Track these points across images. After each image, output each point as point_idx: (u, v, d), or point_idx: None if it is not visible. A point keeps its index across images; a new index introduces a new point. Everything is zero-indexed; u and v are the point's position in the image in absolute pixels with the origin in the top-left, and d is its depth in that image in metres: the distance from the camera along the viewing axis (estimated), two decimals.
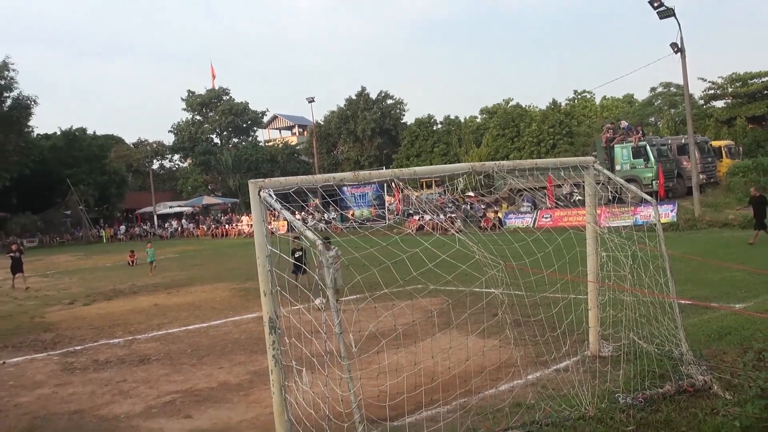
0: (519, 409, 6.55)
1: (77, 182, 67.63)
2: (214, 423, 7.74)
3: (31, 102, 63.68)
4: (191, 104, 74.41)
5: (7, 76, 60.02)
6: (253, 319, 14.14)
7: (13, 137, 61.01)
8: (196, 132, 73.15)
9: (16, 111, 62.39)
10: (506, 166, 7.82)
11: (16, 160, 61.29)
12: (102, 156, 72.43)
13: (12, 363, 11.91)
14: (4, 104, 61.12)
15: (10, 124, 60.87)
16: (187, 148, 74.05)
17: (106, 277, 27.42)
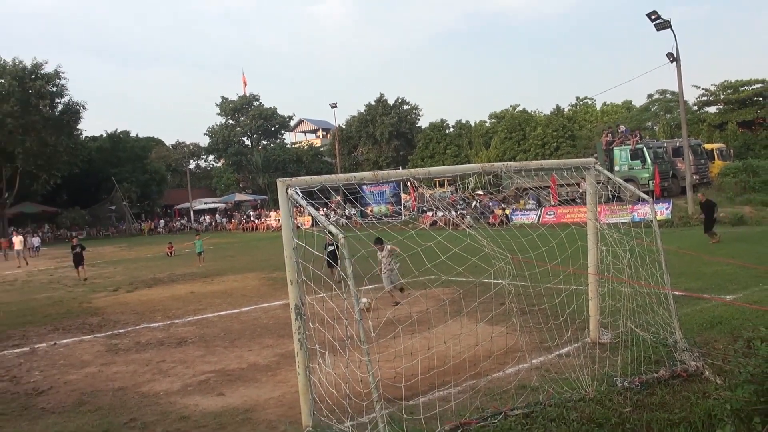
0: (524, 391, 6.52)
1: (121, 180, 68.23)
2: (245, 400, 7.76)
3: (80, 107, 64.21)
4: (225, 109, 74.65)
5: (59, 83, 60.54)
6: (280, 305, 14.17)
7: (64, 139, 61.55)
8: (229, 135, 73.41)
9: (67, 115, 62.95)
10: (513, 167, 7.78)
11: (67, 160, 61.87)
12: (144, 156, 72.93)
13: (62, 344, 12.01)
14: (56, 109, 61.69)
15: (61, 127, 61.43)
16: (221, 149, 74.34)
17: (147, 267, 27.61)
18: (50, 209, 67.18)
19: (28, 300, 18.76)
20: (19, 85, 56.57)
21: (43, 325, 14.13)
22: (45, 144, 58.24)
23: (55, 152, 59.69)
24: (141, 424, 7.09)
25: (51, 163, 59.93)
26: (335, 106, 61.29)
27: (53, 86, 60.14)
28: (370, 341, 5.66)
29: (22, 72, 57.38)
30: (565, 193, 30.72)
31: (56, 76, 59.94)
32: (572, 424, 5.67)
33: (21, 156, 56.85)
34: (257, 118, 73.37)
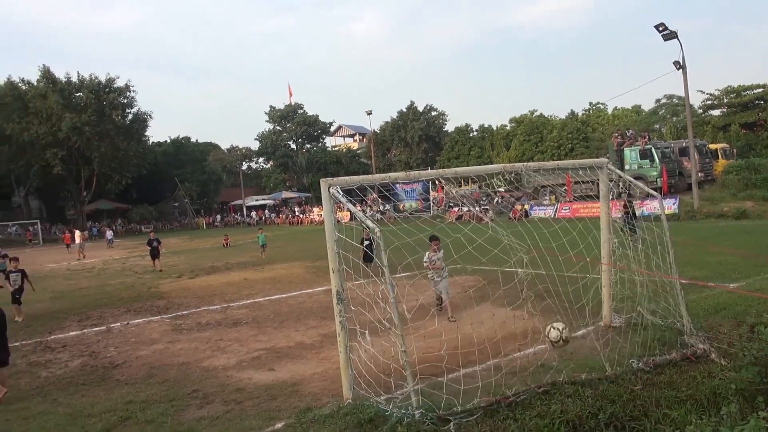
0: (545, 370, 6.42)
1: (183, 180, 69.44)
2: (292, 375, 7.80)
3: (148, 116, 65.59)
4: (273, 117, 75.20)
5: (129, 96, 61.86)
6: (323, 291, 14.23)
7: (134, 144, 62.93)
8: (277, 139, 73.94)
9: (136, 124, 64.32)
10: (532, 167, 7.67)
11: (136, 162, 63.25)
12: (202, 159, 73.99)
13: (134, 324, 12.25)
14: (127, 118, 63.04)
15: (131, 134, 62.79)
16: (270, 152, 74.90)
17: (206, 257, 28.00)
18: (122, 206, 68.79)
19: (104, 285, 19.21)
20: (95, 97, 58.01)
21: (117, 307, 14.44)
22: (117, 149, 59.63)
23: (126, 156, 61.11)
24: (202, 395, 7.19)
25: (122, 166, 61.35)
26: (371, 113, 61.60)
27: (124, 98, 61.48)
28: (405, 323, 5.65)
29: (97, 86, 58.80)
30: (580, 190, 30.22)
31: (127, 89, 61.27)
32: (587, 400, 5.58)
33: (97, 159, 58.32)
34: (301, 124, 73.76)
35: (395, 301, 5.47)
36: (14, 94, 56.54)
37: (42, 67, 57.26)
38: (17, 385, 8.28)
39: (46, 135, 55.41)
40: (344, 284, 6.22)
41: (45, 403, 7.33)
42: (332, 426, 5.60)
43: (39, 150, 56.35)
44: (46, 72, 57.14)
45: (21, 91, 57.08)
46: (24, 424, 6.62)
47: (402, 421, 5.39)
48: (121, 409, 6.81)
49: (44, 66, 57.18)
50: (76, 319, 13.17)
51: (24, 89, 57.40)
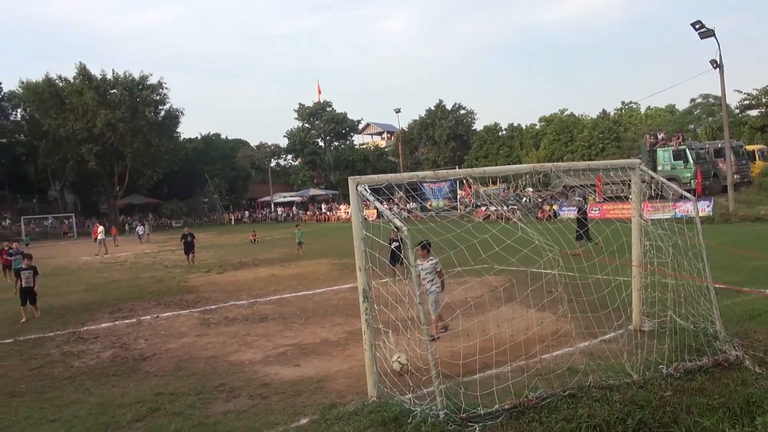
0: (572, 373, 6.34)
1: (212, 176, 70.42)
2: (318, 371, 7.85)
3: (179, 113, 66.74)
4: (301, 114, 75.69)
5: (162, 93, 63.01)
6: (348, 288, 14.28)
7: (165, 141, 64.03)
8: (305, 137, 74.41)
9: (168, 120, 65.49)
10: (562, 167, 7.57)
11: (167, 158, 64.35)
12: (232, 155, 74.84)
13: (163, 317, 12.47)
14: (159, 115, 64.22)
15: (163, 130, 63.92)
16: (298, 149, 75.42)
17: (234, 252, 28.34)
18: (153, 200, 70.08)
19: (135, 278, 19.59)
20: (129, 94, 59.19)
21: (148, 300, 14.71)
22: (150, 145, 60.73)
23: (158, 152, 62.20)
24: (229, 389, 7.28)
25: (154, 161, 62.47)
26: (399, 111, 61.43)
27: (157, 95, 62.63)
28: (430, 323, 5.64)
29: (131, 83, 60.00)
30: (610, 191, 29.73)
31: (159, 86, 62.39)
32: (615, 405, 5.48)
33: (130, 155, 59.47)
34: (330, 122, 74.11)
35: (421, 301, 5.46)
36: (52, 91, 58.02)
37: (78, 65, 58.69)
38: (51, 374, 8.51)
39: (82, 131, 56.74)
40: (371, 282, 6.23)
41: (77, 392, 7.52)
42: (356, 423, 5.62)
43: (75, 145, 57.74)
44: (83, 69, 58.49)
45: (58, 88, 58.54)
46: (57, 411, 6.80)
47: (426, 421, 5.38)
48: (150, 401, 6.94)
49: (80, 63, 58.58)
50: (108, 311, 13.46)
51: (61, 86, 58.84)
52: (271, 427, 5.84)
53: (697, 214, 7.98)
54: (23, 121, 66.60)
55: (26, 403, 7.22)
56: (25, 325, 12.22)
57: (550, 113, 65.94)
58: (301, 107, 75.75)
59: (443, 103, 71.04)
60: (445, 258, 6.59)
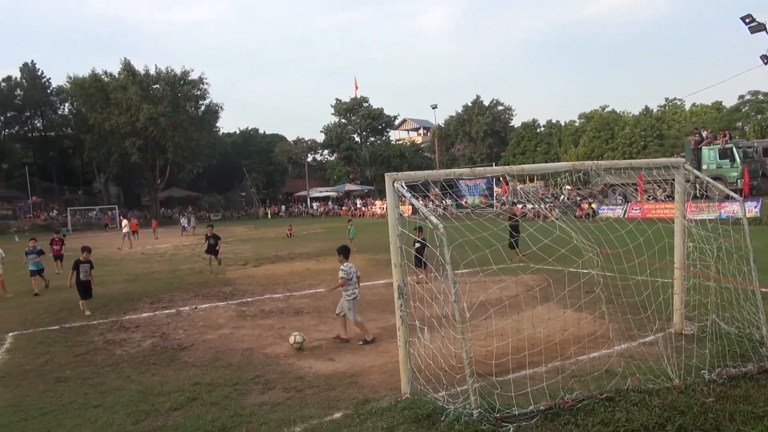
0: (610, 376, 6.22)
1: (250, 170, 71.49)
2: (351, 366, 7.88)
3: (219, 108, 67.92)
4: (338, 110, 76.11)
5: (202, 88, 64.23)
6: (383, 284, 14.29)
7: (205, 135, 65.28)
8: (342, 132, 74.83)
9: (208, 115, 66.73)
10: (603, 165, 7.39)
11: (207, 152, 65.62)
12: (269, 150, 75.84)
13: (201, 308, 12.71)
14: (199, 110, 65.48)
15: (203, 125, 65.17)
16: (334, 144, 75.93)
17: (270, 246, 28.68)
18: (193, 194, 71.61)
19: (175, 270, 20.04)
20: (170, 89, 60.55)
21: (186, 292, 15.02)
22: (190, 139, 62.00)
23: (198, 146, 63.46)
24: (264, 381, 7.38)
25: (194, 155, 63.78)
26: (435, 107, 61.21)
27: (198, 90, 63.86)
28: (465, 321, 5.60)
29: (173, 78, 61.32)
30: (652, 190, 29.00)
31: (200, 81, 63.59)
32: (654, 409, 5.36)
33: (171, 149, 60.84)
34: (366, 117, 74.31)
35: (456, 299, 5.43)
36: (97, 86, 59.78)
37: (123, 60, 60.32)
38: (94, 361, 8.78)
39: (125, 125, 58.29)
40: (406, 279, 6.23)
41: (119, 380, 7.74)
42: (390, 419, 5.63)
43: (118, 139, 59.38)
44: (127, 65, 60.08)
45: (104, 83, 60.28)
46: (100, 397, 7.02)
47: (460, 419, 5.36)
48: (188, 390, 7.09)
49: (125, 59, 60.21)
50: (148, 301, 13.81)
51: (106, 81, 60.56)
52: (305, 420, 5.90)
53: (744, 215, 7.72)
54: (70, 116, 68.97)
55: (71, 388, 7.48)
56: (70, 313, 12.63)
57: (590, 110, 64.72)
58: (338, 103, 76.17)
59: (480, 99, 70.54)
60: (481, 256, 6.53)
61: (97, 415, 6.41)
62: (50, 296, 15.26)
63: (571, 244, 6.56)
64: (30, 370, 8.43)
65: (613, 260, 7.23)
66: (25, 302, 14.49)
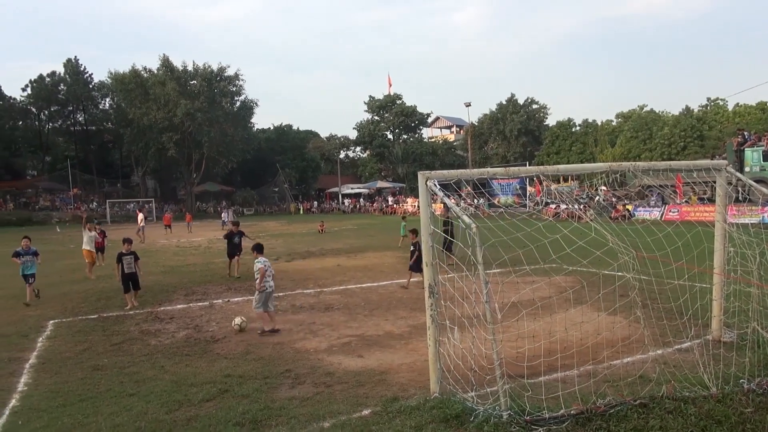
0: (644, 382, 6.09)
1: (283, 166, 72.16)
2: (380, 363, 7.90)
3: (254, 104, 68.79)
4: (371, 107, 76.21)
5: (238, 84, 65.12)
6: (413, 282, 14.26)
7: (240, 131, 66.17)
8: (374, 129, 74.92)
9: (243, 111, 67.63)
10: (641, 167, 7.23)
11: (241, 148, 66.47)
12: (302, 146, 76.40)
13: (234, 301, 12.89)
14: (235, 106, 66.38)
15: (238, 120, 66.08)
16: (367, 141, 76.06)
17: (302, 241, 28.91)
18: (227, 188, 72.67)
19: (209, 263, 20.35)
20: (207, 85, 61.52)
21: (220, 285, 15.26)
22: (225, 134, 62.94)
23: (232, 141, 64.38)
24: (294, 375, 7.45)
25: (229, 150, 64.68)
26: (469, 105, 60.86)
27: (233, 86, 64.74)
28: (496, 321, 5.55)
29: (210, 74, 62.31)
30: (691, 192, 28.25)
31: (236, 78, 64.47)
32: (690, 418, 5.23)
33: (206, 144, 61.84)
34: (399, 115, 74.23)
35: (488, 299, 5.38)
36: (137, 81, 61.19)
37: (162, 57, 61.57)
38: (130, 350, 9.01)
39: (163, 120, 59.50)
40: (437, 278, 6.20)
41: (153, 369, 7.92)
42: (418, 418, 5.62)
43: (156, 133, 60.65)
44: (166, 61, 61.30)
45: (143, 79, 61.65)
46: (135, 386, 7.19)
47: (489, 421, 5.32)
48: (220, 382, 7.21)
49: (164, 55, 61.47)
50: (183, 293, 14.08)
51: (145, 77, 61.92)
52: (334, 415, 5.93)
53: None
54: (111, 110, 70.74)
55: (107, 376, 7.68)
56: (108, 303, 12.96)
57: (628, 109, 63.46)
58: (371, 100, 76.28)
59: (515, 98, 69.75)
60: (514, 257, 6.46)
61: (132, 404, 6.57)
62: (89, 286, 15.69)
63: (606, 246, 6.44)
64: (69, 358, 8.69)
65: (649, 264, 7.08)
66: (65, 292, 14.93)
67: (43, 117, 70.04)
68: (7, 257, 14.73)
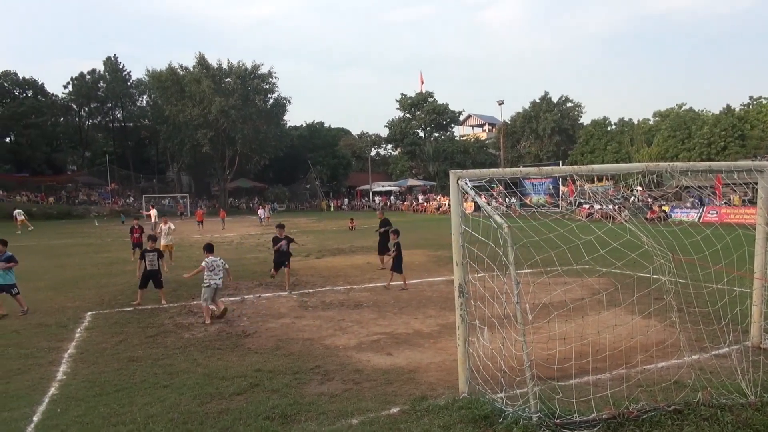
0: (679, 388, 5.95)
1: (315, 163, 72.71)
2: (409, 361, 7.89)
3: (287, 101, 69.50)
4: (403, 105, 76.18)
5: (271, 82, 65.89)
6: (443, 281, 14.23)
7: (273, 128, 66.95)
8: (406, 127, 74.89)
9: (276, 108, 68.38)
10: (679, 168, 7.04)
11: (274, 145, 67.26)
12: (334, 144, 76.89)
13: (265, 297, 13.06)
14: (268, 103, 67.16)
15: (271, 118, 66.86)
16: (398, 139, 76.10)
17: (332, 238, 29.06)
18: (260, 185, 73.57)
19: (240, 258, 20.64)
20: (241, 83, 62.43)
21: (251, 280, 15.45)
22: (258, 131, 63.75)
23: (265, 138, 65.19)
24: (323, 372, 7.50)
25: (262, 147, 65.52)
26: (502, 103, 60.21)
27: (267, 84, 65.54)
28: (527, 322, 5.50)
29: (244, 72, 63.20)
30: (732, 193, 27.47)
31: (269, 75, 65.28)
32: (726, 426, 5.10)
33: (240, 140, 62.76)
34: (431, 113, 74.04)
35: (519, 299, 5.33)
36: (173, 79, 62.46)
37: (198, 55, 62.65)
38: (164, 342, 9.20)
39: (198, 117, 60.59)
40: (467, 277, 6.17)
41: (186, 362, 8.07)
42: (446, 418, 5.61)
43: (191, 130, 61.79)
44: (201, 59, 62.38)
45: (179, 76, 62.85)
46: (169, 378, 7.34)
47: (518, 423, 5.27)
48: (250, 376, 7.31)
49: (200, 53, 62.53)
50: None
51: (181, 74, 63.10)
52: (363, 413, 5.96)
53: None
54: (148, 107, 72.38)
55: (142, 368, 7.86)
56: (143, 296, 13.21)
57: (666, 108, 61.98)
58: (403, 98, 76.25)
59: (549, 96, 68.95)
60: (546, 257, 6.38)
61: (165, 395, 6.71)
62: (125, 279, 16.06)
63: (641, 248, 6.30)
64: (106, 348, 8.92)
65: (685, 267, 6.91)
66: (103, 284, 15.32)
67: (83, 114, 72.12)
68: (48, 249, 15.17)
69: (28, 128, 62.43)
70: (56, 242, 29.32)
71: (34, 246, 26.76)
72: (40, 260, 20.95)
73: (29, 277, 16.08)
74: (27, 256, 22.18)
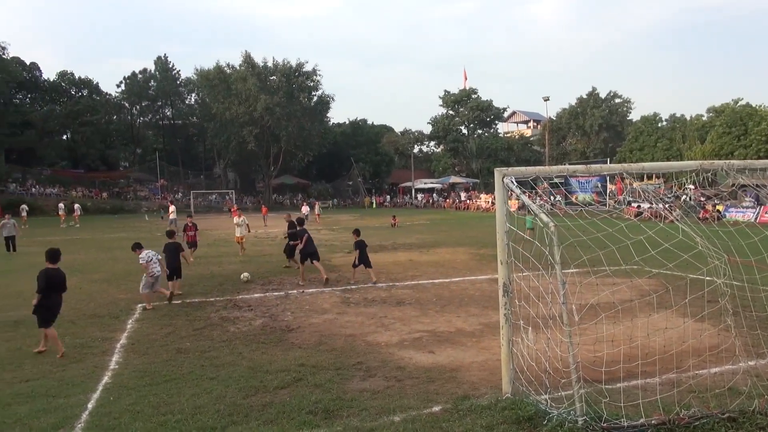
0: (734, 395, 5.72)
1: (358, 160, 73.11)
2: (451, 360, 7.84)
3: (330, 99, 70.07)
4: (446, 101, 75.66)
5: (315, 79, 66.55)
6: (486, 280, 14.09)
7: (317, 125, 67.67)
8: (449, 124, 74.38)
9: (320, 105, 69.06)
10: (736, 165, 6.74)
11: (318, 142, 67.99)
12: (377, 141, 77.05)
13: (308, 293, 13.19)
14: (312, 100, 67.87)
15: (314, 115, 67.57)
16: (441, 136, 75.63)
17: (374, 235, 29.05)
18: (303, 181, 74.47)
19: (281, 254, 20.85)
20: (286, 80, 63.29)
21: (294, 276, 15.58)
22: (302, 128, 64.53)
23: (309, 135, 65.97)
24: (365, 368, 7.53)
25: (306, 144, 66.32)
26: (548, 99, 59.15)
27: (311, 81, 66.22)
28: (573, 324, 5.38)
29: (288, 70, 64.05)
30: None
31: (313, 73, 65.93)
32: None
33: (284, 138, 63.67)
34: (474, 109, 73.30)
35: (565, 300, 5.22)
36: (220, 77, 63.82)
37: (244, 53, 63.79)
38: (211, 335, 9.41)
39: (244, 114, 61.74)
40: (512, 276, 6.08)
41: (231, 355, 8.24)
42: (489, 418, 5.55)
43: (237, 127, 63.02)
44: (247, 57, 63.53)
45: (226, 75, 64.17)
46: (214, 371, 7.51)
47: (563, 425, 5.17)
48: (294, 370, 7.41)
49: (246, 52, 63.65)
50: (260, 283, 14.55)
51: (228, 73, 64.39)
52: (404, 410, 5.95)
53: None
54: (196, 105, 74.19)
55: (190, 359, 8.07)
56: (191, 289, 13.59)
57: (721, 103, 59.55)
58: (446, 94, 75.76)
59: (596, 91, 67.39)
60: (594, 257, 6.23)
61: (212, 387, 6.86)
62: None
63: (694, 249, 6.08)
64: (155, 340, 9.20)
65: (742, 269, 6.63)
66: None
67: (134, 112, 74.51)
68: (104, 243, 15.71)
69: (83, 126, 64.82)
70: (109, 236, 30.39)
71: (89, 240, 27.84)
72: (95, 253, 21.75)
73: (85, 269, 16.74)
74: (81, 249, 23.12)
